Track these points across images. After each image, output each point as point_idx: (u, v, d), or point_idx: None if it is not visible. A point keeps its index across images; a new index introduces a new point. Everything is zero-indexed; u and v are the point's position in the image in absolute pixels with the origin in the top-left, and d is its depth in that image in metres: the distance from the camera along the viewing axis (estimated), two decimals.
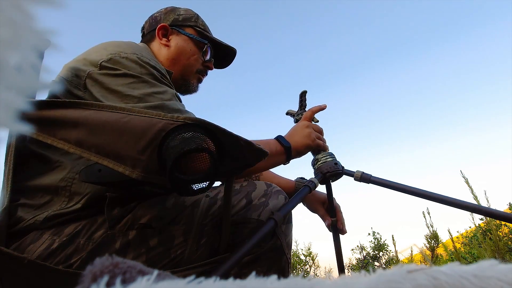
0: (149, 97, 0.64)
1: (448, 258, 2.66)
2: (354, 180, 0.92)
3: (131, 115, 0.51)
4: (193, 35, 0.94)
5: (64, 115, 0.52)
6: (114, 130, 0.50)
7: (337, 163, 0.92)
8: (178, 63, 0.92)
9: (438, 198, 0.81)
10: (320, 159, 0.94)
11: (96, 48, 0.72)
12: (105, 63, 0.66)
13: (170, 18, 0.95)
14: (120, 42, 0.75)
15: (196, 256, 0.62)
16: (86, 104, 0.53)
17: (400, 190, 0.86)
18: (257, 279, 0.19)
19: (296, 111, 1.02)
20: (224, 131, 0.51)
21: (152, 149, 0.48)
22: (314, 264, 3.63)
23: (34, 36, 0.16)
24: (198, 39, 0.94)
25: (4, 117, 0.15)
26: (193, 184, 0.52)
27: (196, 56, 0.94)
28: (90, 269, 0.19)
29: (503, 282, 0.17)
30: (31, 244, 0.56)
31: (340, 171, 0.92)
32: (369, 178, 0.90)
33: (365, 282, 0.18)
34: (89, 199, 0.60)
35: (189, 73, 0.94)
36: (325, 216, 0.99)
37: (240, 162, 0.56)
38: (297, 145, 0.84)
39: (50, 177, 0.62)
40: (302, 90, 1.01)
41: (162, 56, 0.92)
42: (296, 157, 0.86)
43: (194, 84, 0.97)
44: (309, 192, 0.84)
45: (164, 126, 0.49)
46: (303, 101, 1.01)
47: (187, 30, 0.94)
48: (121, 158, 0.50)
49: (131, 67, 0.67)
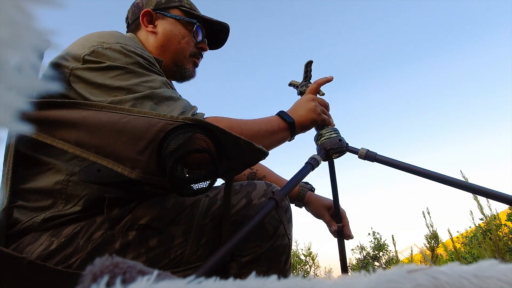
0: (138, 87, 0.62)
1: (448, 258, 2.66)
2: (358, 157, 0.86)
3: (131, 115, 0.50)
4: (180, 16, 0.88)
5: (64, 116, 0.52)
6: (113, 131, 0.50)
7: (341, 139, 0.87)
8: (168, 49, 0.86)
9: (443, 179, 0.76)
10: (324, 134, 0.88)
11: (79, 41, 0.68)
12: (88, 57, 0.63)
13: (152, 2, 0.88)
14: (103, 32, 0.71)
15: (196, 256, 0.62)
16: (86, 105, 0.53)
17: (405, 170, 0.81)
18: (257, 279, 0.19)
19: (300, 82, 0.96)
20: (223, 131, 0.50)
21: (151, 150, 0.48)
22: (314, 264, 3.63)
23: (34, 36, 0.16)
24: (185, 19, 0.88)
25: (4, 117, 0.15)
26: (194, 184, 0.52)
27: (187, 38, 0.88)
28: (90, 269, 0.19)
29: (503, 282, 0.17)
30: (29, 245, 0.56)
31: (344, 148, 0.86)
32: (374, 156, 0.84)
33: (365, 282, 0.18)
34: (87, 201, 0.60)
35: (182, 58, 0.89)
36: (330, 222, 0.95)
37: (240, 162, 0.56)
38: (301, 120, 0.79)
39: (44, 179, 0.61)
40: (308, 60, 0.94)
41: (150, 44, 0.86)
42: (301, 132, 0.82)
43: (190, 69, 0.91)
44: (311, 169, 0.80)
45: (163, 126, 0.49)
46: (308, 72, 0.94)
47: (172, 12, 0.88)
48: (120, 159, 0.50)
49: (116, 58, 0.64)
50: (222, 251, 0.55)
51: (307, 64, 0.94)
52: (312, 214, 1.01)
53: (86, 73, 0.62)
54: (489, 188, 0.73)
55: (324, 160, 0.90)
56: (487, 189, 0.73)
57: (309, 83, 0.94)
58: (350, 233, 0.95)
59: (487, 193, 0.74)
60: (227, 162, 0.54)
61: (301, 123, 0.80)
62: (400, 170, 0.82)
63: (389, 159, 0.83)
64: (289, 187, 0.70)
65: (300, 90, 0.95)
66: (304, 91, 0.94)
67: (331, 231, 0.96)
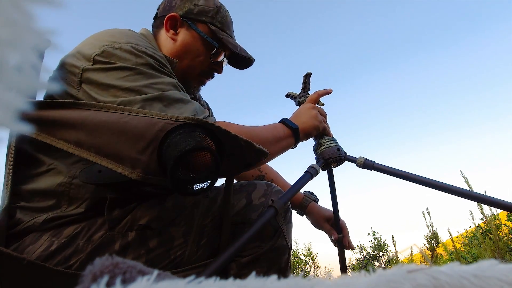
0: (147, 89, 0.61)
1: (448, 258, 2.66)
2: (356, 166, 0.88)
3: (131, 115, 0.50)
4: (205, 33, 0.83)
5: (64, 116, 0.52)
6: (113, 131, 0.50)
7: (339, 148, 0.89)
8: (181, 61, 0.82)
9: (441, 187, 0.77)
10: (324, 143, 0.90)
11: (90, 39, 0.68)
12: (98, 57, 0.62)
13: (184, 8, 0.83)
14: (114, 30, 0.70)
15: (196, 257, 0.62)
16: (86, 105, 0.53)
17: (403, 178, 0.82)
18: (257, 279, 0.19)
19: (299, 93, 0.98)
20: (224, 131, 0.50)
21: (152, 150, 0.48)
22: (314, 264, 3.63)
23: (34, 36, 0.16)
24: (208, 39, 0.82)
25: (4, 117, 0.15)
26: (194, 184, 0.52)
27: (202, 58, 0.84)
28: (90, 269, 0.19)
29: (503, 282, 0.17)
30: (30, 246, 0.56)
31: (343, 157, 0.89)
32: (372, 164, 0.86)
33: (365, 282, 0.18)
34: (90, 202, 0.60)
35: (191, 75, 0.85)
36: (331, 231, 0.97)
37: (241, 162, 0.56)
38: (304, 126, 0.80)
39: (46, 181, 0.61)
40: (307, 72, 0.97)
41: (166, 48, 0.83)
42: (304, 139, 0.83)
43: (193, 87, 0.88)
44: (310, 178, 0.82)
45: (163, 126, 0.48)
46: (307, 83, 0.97)
47: (199, 26, 0.83)
48: (121, 159, 0.50)
49: (126, 58, 0.63)
50: (222, 258, 0.56)
51: (306, 76, 0.97)
52: (312, 224, 1.03)
53: (95, 74, 0.62)
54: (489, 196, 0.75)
55: (323, 169, 0.92)
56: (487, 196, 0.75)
57: (307, 94, 0.97)
58: (350, 244, 0.97)
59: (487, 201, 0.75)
60: (227, 162, 0.54)
61: (305, 129, 0.80)
62: (398, 178, 0.84)
63: (387, 167, 0.85)
64: (288, 196, 0.71)
65: (299, 101, 0.98)
66: (302, 101, 0.97)
67: (332, 240, 0.98)
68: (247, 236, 0.58)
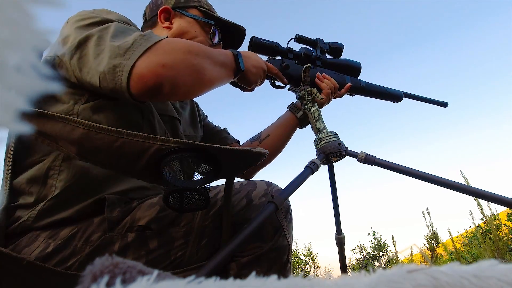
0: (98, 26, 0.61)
1: (448, 258, 2.66)
2: (357, 161, 0.87)
3: (121, 138, 0.50)
4: (198, 16, 0.87)
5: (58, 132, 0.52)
6: (110, 153, 0.51)
7: (340, 143, 0.88)
8: None
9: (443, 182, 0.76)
10: (324, 138, 0.89)
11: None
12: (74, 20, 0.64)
13: (171, 0, 0.88)
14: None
15: (196, 258, 0.62)
16: (75, 122, 0.51)
17: (404, 173, 0.81)
18: (257, 279, 0.19)
19: (299, 86, 0.99)
20: (218, 148, 0.50)
21: (152, 167, 0.52)
22: (314, 264, 3.63)
23: (34, 36, 0.16)
24: (203, 20, 0.87)
25: (4, 117, 0.15)
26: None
27: (201, 38, 0.86)
28: (90, 269, 0.19)
29: (503, 282, 0.17)
30: (26, 248, 0.56)
31: (344, 151, 0.88)
32: (373, 159, 0.85)
33: (365, 282, 0.18)
34: (86, 203, 0.60)
35: None
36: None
37: (240, 165, 0.56)
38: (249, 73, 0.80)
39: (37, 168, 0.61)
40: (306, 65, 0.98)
41: None
42: (241, 82, 0.82)
43: None
44: (311, 173, 0.81)
45: (156, 151, 0.50)
46: (306, 77, 0.98)
47: (190, 11, 0.88)
48: (126, 172, 0.54)
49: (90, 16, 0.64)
50: (221, 255, 0.55)
51: (305, 70, 0.98)
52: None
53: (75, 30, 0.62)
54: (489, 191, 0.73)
55: (324, 164, 0.91)
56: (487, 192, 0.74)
57: (307, 87, 0.98)
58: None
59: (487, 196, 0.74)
60: (226, 166, 0.54)
61: (248, 77, 0.80)
62: (399, 173, 0.82)
63: (388, 162, 0.84)
64: (288, 191, 0.70)
65: (299, 94, 0.98)
66: (303, 95, 0.98)
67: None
68: (247, 232, 0.58)
